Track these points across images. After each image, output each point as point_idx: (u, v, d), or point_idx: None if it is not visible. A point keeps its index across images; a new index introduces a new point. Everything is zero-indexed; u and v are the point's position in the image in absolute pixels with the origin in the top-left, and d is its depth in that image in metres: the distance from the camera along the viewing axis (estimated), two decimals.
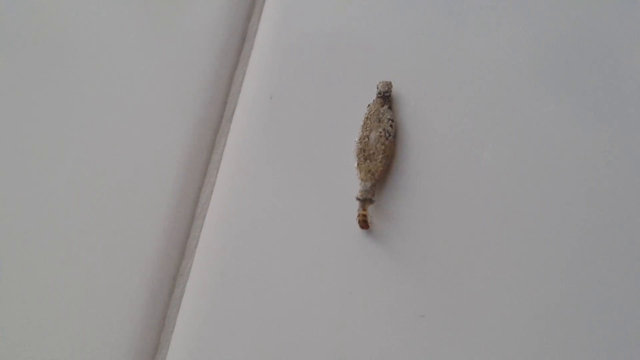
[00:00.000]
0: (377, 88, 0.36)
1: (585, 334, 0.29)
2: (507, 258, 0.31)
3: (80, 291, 0.33)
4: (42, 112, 0.39)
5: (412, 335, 0.30)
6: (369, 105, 0.36)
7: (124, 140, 0.37)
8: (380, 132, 0.35)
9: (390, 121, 0.35)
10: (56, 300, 0.33)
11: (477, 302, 0.30)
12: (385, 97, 0.36)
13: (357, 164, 0.34)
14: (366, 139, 0.35)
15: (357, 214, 0.33)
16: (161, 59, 0.40)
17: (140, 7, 0.42)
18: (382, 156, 0.34)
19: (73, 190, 0.36)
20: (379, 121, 0.35)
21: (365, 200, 0.33)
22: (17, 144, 0.38)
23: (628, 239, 0.31)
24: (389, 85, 0.37)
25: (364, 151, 0.35)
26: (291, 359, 0.31)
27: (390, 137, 0.35)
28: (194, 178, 0.36)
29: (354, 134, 0.35)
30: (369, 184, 0.34)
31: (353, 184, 0.34)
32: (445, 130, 0.35)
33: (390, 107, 0.36)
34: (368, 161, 0.34)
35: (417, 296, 0.31)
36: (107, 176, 0.36)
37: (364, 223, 0.33)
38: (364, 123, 0.36)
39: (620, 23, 0.36)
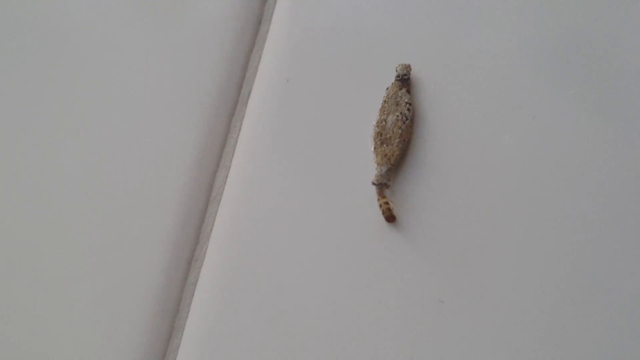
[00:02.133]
0: (396, 71, 0.36)
1: (606, 323, 0.28)
2: (526, 243, 0.31)
3: (95, 276, 0.33)
4: (60, 94, 0.39)
5: (431, 321, 0.30)
6: (387, 88, 0.36)
7: (139, 125, 0.37)
8: (398, 115, 0.34)
9: (408, 105, 0.35)
10: (72, 284, 0.33)
11: (496, 287, 0.30)
12: (404, 80, 0.35)
13: (374, 148, 0.34)
14: (383, 123, 0.34)
15: (378, 204, 0.32)
16: (177, 42, 0.39)
17: None
18: (398, 140, 0.34)
19: (89, 175, 0.36)
20: (397, 104, 0.35)
21: (381, 185, 0.32)
22: (35, 134, 0.38)
23: None
24: (407, 68, 0.36)
25: (381, 135, 0.34)
26: (307, 344, 0.30)
27: (408, 121, 0.34)
28: (209, 162, 0.36)
29: (372, 117, 0.35)
30: (385, 169, 0.33)
31: (370, 168, 0.33)
32: (465, 114, 0.34)
33: (408, 91, 0.35)
34: (385, 145, 0.34)
35: (435, 282, 0.30)
36: (122, 161, 0.36)
37: (389, 213, 0.32)
38: (382, 106, 0.35)
39: None
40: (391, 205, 0.32)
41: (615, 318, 0.29)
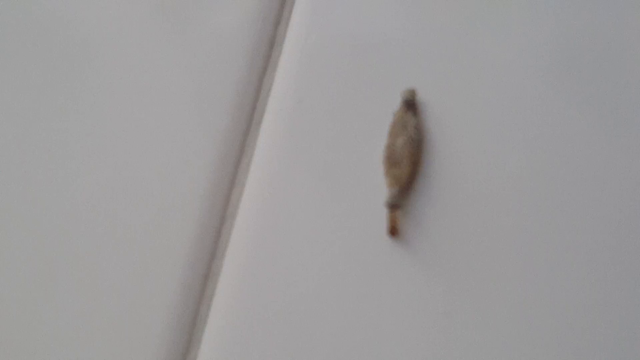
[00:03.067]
0: (401, 96, 0.37)
1: (617, 333, 0.30)
2: (535, 259, 0.32)
3: (111, 290, 0.34)
4: (68, 118, 0.39)
5: (437, 334, 0.31)
6: (395, 112, 0.37)
7: (155, 144, 0.38)
8: (406, 139, 0.36)
9: (414, 128, 0.36)
10: (88, 298, 0.34)
11: (502, 302, 0.31)
12: (410, 105, 0.37)
13: (385, 171, 0.35)
14: (393, 146, 0.36)
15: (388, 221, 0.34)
16: (191, 65, 0.40)
17: (170, 13, 0.42)
18: (407, 162, 0.35)
19: (105, 192, 0.36)
20: (404, 128, 0.36)
21: (393, 206, 0.34)
22: (51, 145, 0.38)
23: None
24: (412, 93, 0.37)
25: (391, 158, 0.35)
26: (319, 358, 0.31)
27: (415, 143, 0.36)
28: (224, 181, 0.37)
29: (384, 139, 0.36)
30: (395, 190, 0.34)
31: (382, 189, 0.35)
32: (472, 135, 0.36)
33: (414, 114, 0.37)
34: (395, 168, 0.35)
35: (442, 296, 0.32)
36: (138, 179, 0.37)
37: (392, 228, 0.33)
38: (390, 130, 0.36)
39: None
40: (398, 222, 0.33)
41: (627, 329, 0.30)
